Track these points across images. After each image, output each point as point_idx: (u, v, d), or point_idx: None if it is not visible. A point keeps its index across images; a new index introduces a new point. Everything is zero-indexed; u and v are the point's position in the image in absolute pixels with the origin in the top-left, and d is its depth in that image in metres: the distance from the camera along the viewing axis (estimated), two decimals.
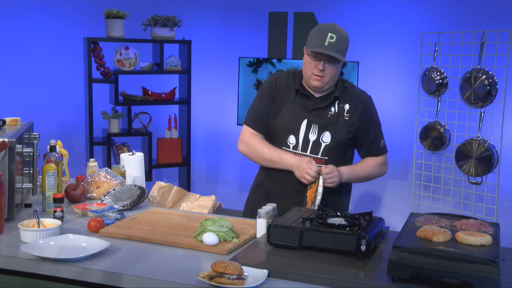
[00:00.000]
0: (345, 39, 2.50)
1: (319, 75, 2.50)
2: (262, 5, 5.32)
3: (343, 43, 2.49)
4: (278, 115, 2.59)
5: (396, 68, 5.12)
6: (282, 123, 2.58)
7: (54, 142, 2.70)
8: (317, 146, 2.54)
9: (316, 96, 2.58)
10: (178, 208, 2.63)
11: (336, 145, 2.54)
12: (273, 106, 2.61)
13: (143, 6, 5.19)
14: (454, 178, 4.46)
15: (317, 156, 2.55)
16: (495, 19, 4.57)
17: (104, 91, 5.20)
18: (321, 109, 2.56)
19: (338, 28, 2.50)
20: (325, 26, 2.52)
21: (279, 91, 2.62)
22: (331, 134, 2.54)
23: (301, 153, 2.55)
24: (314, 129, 2.55)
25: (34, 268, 1.88)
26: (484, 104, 4.04)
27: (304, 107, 2.57)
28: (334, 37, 2.45)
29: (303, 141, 2.55)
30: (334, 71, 2.50)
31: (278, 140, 2.60)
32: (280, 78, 2.65)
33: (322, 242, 1.91)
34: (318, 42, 2.47)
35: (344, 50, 2.49)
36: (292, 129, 2.56)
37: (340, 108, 2.57)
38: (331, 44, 2.45)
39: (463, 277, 1.60)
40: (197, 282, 1.71)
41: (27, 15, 5.00)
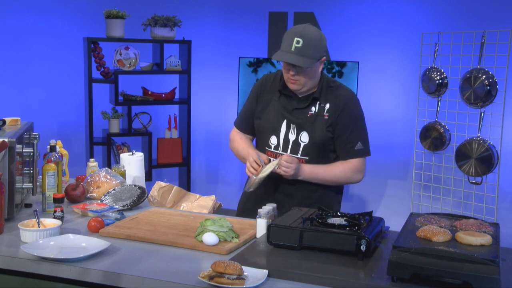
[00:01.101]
0: (314, 41, 2.42)
1: (293, 79, 2.48)
2: (262, 5, 5.32)
3: (312, 46, 2.41)
4: (262, 115, 2.61)
5: (396, 68, 5.12)
6: (264, 124, 2.60)
7: (54, 142, 2.70)
8: (296, 146, 2.53)
9: (299, 95, 2.57)
10: (178, 208, 2.63)
11: (315, 145, 2.52)
12: (257, 107, 2.64)
13: (143, 6, 5.19)
14: (454, 178, 4.46)
15: (297, 156, 2.54)
16: (495, 19, 4.57)
17: (104, 91, 5.20)
18: (302, 109, 2.55)
19: (307, 30, 2.43)
20: (293, 29, 2.46)
21: (264, 92, 2.64)
22: (309, 134, 2.51)
23: (282, 153, 2.55)
24: (293, 129, 2.54)
25: (34, 268, 1.88)
26: (484, 104, 4.04)
27: (285, 108, 2.57)
28: (301, 41, 2.39)
29: (283, 141, 2.56)
30: (308, 73, 2.46)
31: (262, 141, 2.64)
32: (267, 80, 2.67)
33: (322, 242, 1.91)
34: (284, 47, 2.43)
35: (314, 53, 2.41)
36: (273, 129, 2.57)
37: (320, 108, 2.54)
38: (298, 49, 2.39)
39: (463, 277, 1.60)
40: (197, 282, 1.71)
41: (27, 15, 5.00)
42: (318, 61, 2.47)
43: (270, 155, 2.59)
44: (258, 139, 2.69)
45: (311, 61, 2.41)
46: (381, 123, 5.28)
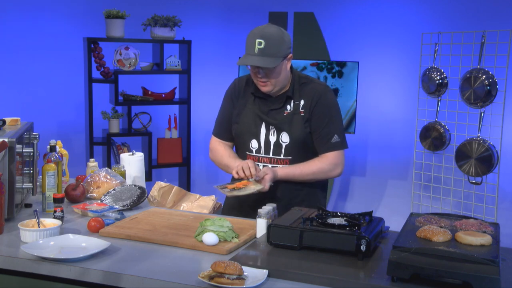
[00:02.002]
0: (276, 39, 2.39)
1: (262, 82, 2.45)
2: (262, 5, 5.32)
3: (274, 45, 2.37)
4: (239, 120, 2.58)
5: (396, 68, 5.12)
6: (243, 128, 2.57)
7: (54, 142, 2.70)
8: (278, 148, 2.51)
9: (273, 96, 2.54)
10: (178, 208, 2.63)
11: (296, 144, 2.49)
12: (234, 111, 2.61)
13: (143, 6, 5.19)
14: (454, 178, 4.46)
15: (280, 157, 2.52)
16: (495, 19, 4.57)
17: (104, 91, 5.20)
18: (277, 109, 2.52)
19: (268, 30, 2.40)
20: (254, 31, 2.42)
21: (237, 96, 2.61)
22: (288, 133, 2.49)
23: (265, 156, 2.53)
24: (272, 130, 2.52)
25: (34, 268, 1.88)
26: (484, 104, 4.04)
27: (261, 110, 2.53)
28: (263, 42, 2.36)
29: (264, 144, 2.53)
30: (276, 72, 2.42)
31: (242, 145, 2.60)
32: (239, 83, 2.64)
33: (322, 242, 1.91)
34: (247, 51, 2.41)
35: (277, 52, 2.38)
36: (253, 133, 2.54)
37: (295, 105, 2.51)
38: (260, 50, 2.37)
39: (463, 277, 1.60)
40: (197, 282, 1.71)
41: (27, 15, 5.00)
42: (284, 59, 2.44)
43: (252, 159, 2.53)
44: (238, 144, 2.64)
45: (276, 60, 2.38)
46: (381, 123, 5.29)
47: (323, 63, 4.91)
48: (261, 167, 2.50)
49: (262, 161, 2.54)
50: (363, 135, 5.26)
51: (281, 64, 2.42)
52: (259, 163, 2.54)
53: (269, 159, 2.53)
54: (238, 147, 2.65)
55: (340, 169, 2.54)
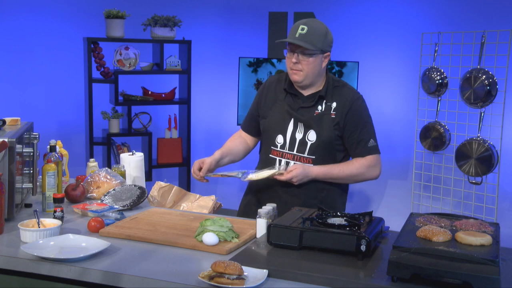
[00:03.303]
0: (319, 30, 2.47)
1: (295, 69, 2.49)
2: (262, 5, 5.32)
3: (316, 34, 2.45)
4: (268, 115, 2.62)
5: (396, 68, 5.12)
6: (270, 123, 2.61)
7: (54, 142, 2.70)
8: (303, 145, 2.53)
9: (304, 94, 2.58)
10: (178, 208, 2.63)
11: (322, 144, 2.51)
12: (261, 107, 2.67)
13: (143, 6, 5.19)
14: (454, 178, 4.46)
15: (304, 155, 2.53)
16: (495, 19, 4.57)
17: (104, 91, 5.20)
18: (308, 108, 2.55)
19: (313, 21, 2.50)
20: (300, 20, 2.52)
21: (267, 93, 2.66)
22: (316, 132, 2.51)
23: (288, 152, 2.55)
24: (300, 127, 2.54)
25: (34, 268, 1.88)
26: (484, 104, 4.04)
27: (291, 106, 2.57)
28: (305, 28, 2.44)
29: (290, 140, 2.55)
30: (311, 63, 2.47)
31: (268, 140, 2.63)
32: (271, 80, 2.71)
33: (322, 242, 1.91)
34: (290, 35, 2.48)
35: (317, 41, 2.45)
36: (279, 128, 2.57)
37: (327, 107, 2.54)
38: (302, 35, 2.43)
39: (463, 277, 1.60)
40: (197, 282, 1.71)
41: (27, 15, 5.00)
42: (322, 54, 2.49)
43: (276, 155, 2.59)
44: (264, 139, 2.67)
45: (314, 47, 2.43)
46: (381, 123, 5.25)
47: None
48: (284, 163, 2.54)
49: (285, 157, 2.56)
50: None
51: (316, 57, 2.47)
52: (282, 158, 2.56)
53: (292, 156, 2.55)
54: (264, 141, 2.67)
55: (378, 171, 2.61)
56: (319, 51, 2.47)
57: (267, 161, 2.60)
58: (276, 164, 2.54)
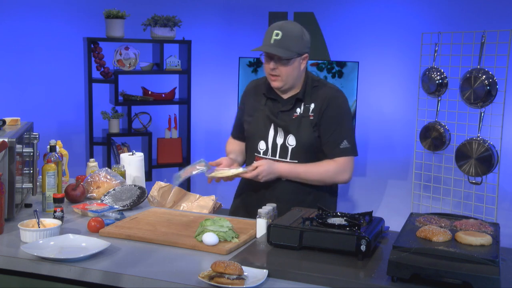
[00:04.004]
0: (294, 33, 2.39)
1: (274, 75, 2.44)
2: (262, 5, 5.32)
3: (291, 38, 2.38)
4: (251, 121, 2.59)
5: (396, 68, 5.12)
6: (252, 129, 2.58)
7: (54, 142, 2.70)
8: (284, 150, 2.49)
9: (284, 98, 2.52)
10: (178, 208, 2.63)
11: (302, 147, 2.46)
12: (244, 114, 2.64)
13: (143, 6, 5.19)
14: (454, 178, 4.46)
15: (286, 160, 2.49)
16: (495, 19, 4.57)
17: (104, 91, 5.20)
18: (287, 112, 2.50)
19: (287, 24, 2.43)
20: (274, 24, 2.44)
21: (248, 100, 2.64)
22: (295, 136, 2.46)
23: (271, 158, 2.50)
24: (280, 132, 2.50)
25: (34, 268, 1.88)
26: (484, 104, 4.04)
27: (272, 111, 2.52)
28: (280, 33, 2.37)
29: (272, 146, 2.51)
30: (289, 69, 2.41)
31: (251, 146, 2.60)
32: (250, 87, 2.69)
33: (322, 242, 1.91)
34: (265, 42, 2.42)
35: (293, 45, 2.37)
36: (261, 134, 2.54)
37: (305, 108, 2.48)
38: (276, 41, 2.37)
39: (463, 277, 1.60)
40: (197, 282, 1.71)
41: (27, 15, 5.00)
42: (300, 56, 2.42)
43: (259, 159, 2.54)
44: (248, 145, 2.65)
45: (290, 53, 2.37)
46: (381, 123, 5.28)
47: (323, 63, 4.91)
48: None
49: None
50: (363, 135, 5.26)
51: (294, 60, 2.41)
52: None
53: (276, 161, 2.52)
54: (248, 148, 2.65)
55: (348, 176, 2.48)
56: (296, 55, 2.40)
57: None
58: None
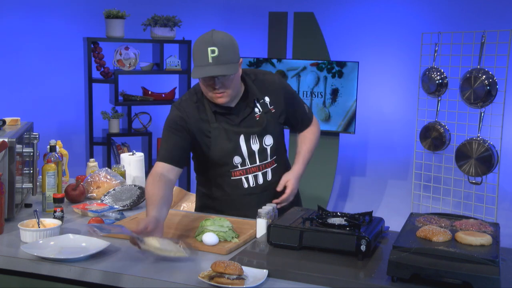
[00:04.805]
0: (228, 44, 2.24)
1: (219, 93, 2.27)
2: (262, 5, 5.32)
3: (227, 51, 2.22)
4: (211, 145, 2.37)
5: (396, 68, 5.12)
6: (220, 150, 2.38)
7: (54, 142, 2.70)
8: (263, 153, 2.44)
9: (232, 105, 2.38)
10: (178, 208, 2.63)
11: (277, 141, 2.48)
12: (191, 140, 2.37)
13: (143, 6, 5.19)
14: (454, 178, 4.46)
15: (268, 160, 2.45)
16: (495, 19, 4.57)
17: (104, 91, 5.20)
18: (247, 117, 2.39)
19: (217, 36, 2.23)
20: (202, 40, 2.23)
21: (189, 124, 2.36)
22: (271, 134, 2.44)
23: (252, 166, 2.42)
24: (253, 139, 2.42)
25: (34, 268, 1.88)
26: (484, 104, 4.04)
27: (232, 124, 2.38)
28: (216, 49, 2.19)
29: (248, 155, 2.42)
30: (233, 82, 2.28)
31: (224, 166, 2.41)
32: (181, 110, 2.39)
33: (322, 242, 1.91)
34: (199, 62, 2.22)
35: (231, 56, 2.23)
36: (233, 150, 2.38)
37: (262, 105, 2.43)
38: (215, 58, 2.19)
39: (463, 277, 1.60)
40: (197, 282, 1.71)
41: (27, 15, 5.00)
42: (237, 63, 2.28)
43: (239, 174, 2.43)
44: (213, 166, 2.43)
45: (233, 66, 2.23)
46: (381, 123, 5.29)
47: (323, 63, 4.92)
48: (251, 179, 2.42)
49: (250, 172, 2.43)
50: (363, 135, 5.27)
51: (235, 71, 2.26)
52: (249, 174, 2.43)
53: (257, 167, 2.44)
54: (214, 168, 2.44)
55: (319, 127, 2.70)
56: (236, 65, 2.26)
57: (230, 184, 2.43)
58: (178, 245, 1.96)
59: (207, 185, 2.51)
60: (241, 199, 2.44)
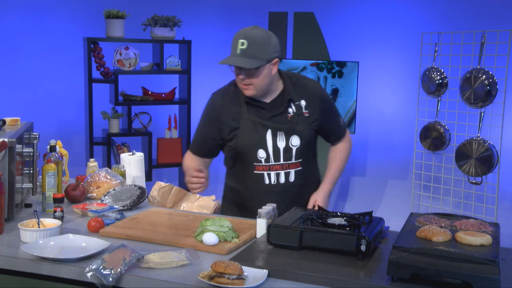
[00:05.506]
0: (260, 40, 2.31)
1: (244, 84, 2.39)
2: (262, 5, 5.32)
3: (257, 46, 2.30)
4: (238, 133, 2.46)
5: (396, 68, 5.12)
6: (245, 141, 2.45)
7: (54, 142, 2.70)
8: (288, 152, 2.47)
9: (267, 101, 2.46)
10: (178, 208, 2.63)
11: (305, 145, 2.49)
12: (221, 129, 2.50)
13: (143, 6, 5.19)
14: (454, 178, 4.46)
15: (292, 161, 2.48)
16: (495, 19, 4.57)
17: (104, 91, 5.20)
18: (279, 115, 2.46)
19: (253, 32, 2.34)
20: (239, 32, 2.37)
21: (221, 112, 2.50)
22: (299, 135, 2.46)
23: (275, 164, 2.46)
24: (280, 136, 2.45)
25: (34, 268, 1.88)
26: (484, 104, 4.04)
27: (261, 117, 2.45)
28: (245, 42, 2.30)
29: (273, 151, 2.46)
30: (259, 78, 2.35)
31: (248, 158, 2.47)
32: (218, 98, 2.54)
33: (322, 242, 1.91)
34: (231, 52, 2.36)
35: (260, 53, 2.30)
36: (258, 143, 2.44)
37: (297, 107, 2.48)
38: (243, 51, 2.31)
39: (463, 277, 1.60)
40: (197, 282, 1.71)
41: (27, 15, 5.00)
42: (269, 63, 2.35)
43: (262, 170, 2.47)
44: (240, 158, 2.51)
45: (257, 62, 2.30)
46: (381, 123, 5.29)
47: (323, 63, 4.92)
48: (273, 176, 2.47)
49: (273, 169, 2.47)
50: (363, 135, 5.26)
51: (264, 67, 2.34)
52: (271, 171, 2.47)
53: (281, 166, 2.48)
54: (240, 160, 2.52)
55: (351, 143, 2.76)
56: (265, 62, 2.32)
57: (252, 178, 2.49)
58: None
59: (231, 177, 2.62)
60: (261, 195, 2.47)
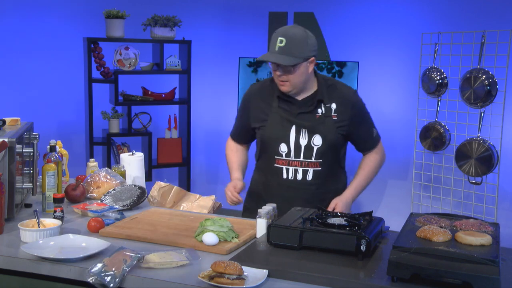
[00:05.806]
0: (298, 38, 2.40)
1: (281, 80, 2.46)
2: (262, 5, 5.32)
3: (295, 44, 2.39)
4: (266, 125, 2.57)
5: (396, 68, 5.11)
6: (270, 133, 2.55)
7: (54, 142, 2.70)
8: (309, 151, 2.51)
9: (299, 99, 2.54)
10: (178, 208, 2.63)
11: (328, 147, 2.51)
12: (253, 118, 2.63)
13: (143, 6, 5.19)
14: (454, 178, 4.46)
15: (311, 160, 2.51)
16: (495, 19, 4.56)
17: (104, 91, 5.20)
18: (308, 113, 2.52)
19: (292, 30, 2.42)
20: (279, 30, 2.45)
21: (255, 103, 2.62)
22: (322, 136, 2.50)
23: (295, 160, 2.52)
24: (303, 133, 2.51)
25: (34, 268, 1.88)
26: (484, 104, 4.04)
27: (289, 113, 2.53)
28: (284, 40, 2.38)
29: (294, 147, 2.51)
30: (296, 75, 2.43)
31: (270, 150, 2.57)
32: (254, 89, 2.67)
33: (322, 242, 1.91)
34: (269, 49, 2.45)
35: (298, 51, 2.39)
36: (281, 137, 2.53)
37: (327, 109, 2.52)
38: (281, 48, 2.39)
39: (463, 277, 1.60)
40: (197, 282, 1.71)
41: (27, 15, 5.00)
42: (306, 61, 2.43)
43: (282, 164, 2.55)
44: (264, 149, 2.61)
45: (294, 59, 2.38)
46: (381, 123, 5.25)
47: (323, 63, 4.91)
48: (291, 171, 2.53)
49: (292, 164, 2.53)
50: None
51: (300, 65, 2.42)
52: (289, 166, 2.53)
53: (300, 162, 2.52)
54: (265, 152, 2.61)
55: (385, 155, 2.76)
56: (302, 60, 2.40)
57: (272, 170, 2.58)
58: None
59: (257, 170, 2.71)
60: (278, 189, 2.55)
